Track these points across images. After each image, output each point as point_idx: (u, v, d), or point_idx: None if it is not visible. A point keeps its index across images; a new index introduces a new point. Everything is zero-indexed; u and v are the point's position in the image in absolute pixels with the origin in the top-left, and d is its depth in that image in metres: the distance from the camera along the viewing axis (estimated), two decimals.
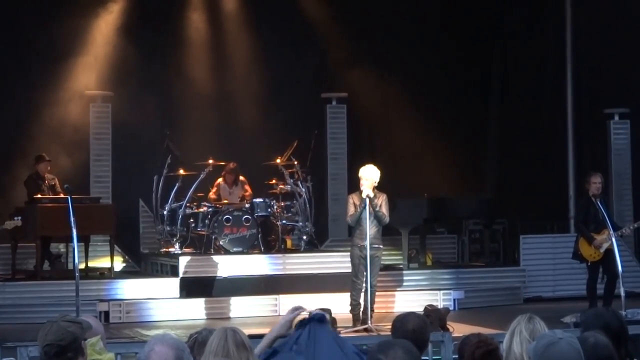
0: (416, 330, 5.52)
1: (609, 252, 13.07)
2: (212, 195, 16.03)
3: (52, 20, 16.19)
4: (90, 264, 15.29)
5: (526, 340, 4.87)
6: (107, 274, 15.07)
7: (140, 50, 16.75)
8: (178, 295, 14.42)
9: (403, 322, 5.62)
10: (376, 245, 12.27)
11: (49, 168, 15.38)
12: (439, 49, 17.96)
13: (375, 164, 12.44)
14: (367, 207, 12.10)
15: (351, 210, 12.34)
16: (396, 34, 17.84)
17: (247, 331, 5.03)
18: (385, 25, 17.91)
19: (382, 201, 12.28)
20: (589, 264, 13.46)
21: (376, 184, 12.28)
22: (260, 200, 15.64)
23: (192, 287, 14.50)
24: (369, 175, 12.26)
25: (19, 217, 12.79)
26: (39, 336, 4.84)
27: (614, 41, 17.58)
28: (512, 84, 18.99)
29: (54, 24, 16.20)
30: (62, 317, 4.92)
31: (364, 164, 12.49)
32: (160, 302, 14.21)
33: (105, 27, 17.06)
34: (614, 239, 12.60)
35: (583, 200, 13.86)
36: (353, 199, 12.40)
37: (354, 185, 12.70)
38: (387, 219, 12.38)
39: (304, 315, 5.54)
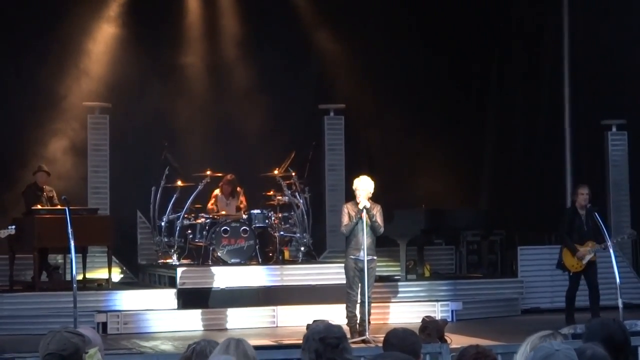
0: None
1: (591, 263, 13.32)
2: (210, 206, 16.04)
3: (50, 33, 16.24)
4: (88, 275, 15.26)
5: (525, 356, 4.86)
6: (105, 285, 15.06)
7: (139, 62, 16.75)
8: (176, 307, 14.40)
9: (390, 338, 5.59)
10: (371, 257, 12.24)
11: (47, 179, 15.37)
12: (436, 62, 17.99)
13: (372, 176, 12.42)
14: (365, 219, 12.09)
15: (345, 220, 12.29)
16: (394, 46, 17.86)
17: None
18: (383, 38, 17.93)
19: (377, 212, 12.25)
20: (570, 274, 13.61)
21: (371, 195, 12.26)
22: (258, 211, 15.66)
23: (189, 298, 14.48)
24: (365, 186, 12.21)
25: (13, 226, 12.65)
26: (41, 345, 4.82)
27: (612, 52, 17.61)
28: (509, 95, 19.01)
29: (51, 36, 16.25)
30: (65, 328, 4.91)
31: (360, 176, 12.48)
32: (158, 313, 14.18)
33: (103, 38, 17.09)
34: (611, 250, 12.61)
35: (568, 211, 13.97)
36: (348, 208, 12.34)
37: (351, 196, 12.67)
38: (382, 230, 12.35)
39: None
